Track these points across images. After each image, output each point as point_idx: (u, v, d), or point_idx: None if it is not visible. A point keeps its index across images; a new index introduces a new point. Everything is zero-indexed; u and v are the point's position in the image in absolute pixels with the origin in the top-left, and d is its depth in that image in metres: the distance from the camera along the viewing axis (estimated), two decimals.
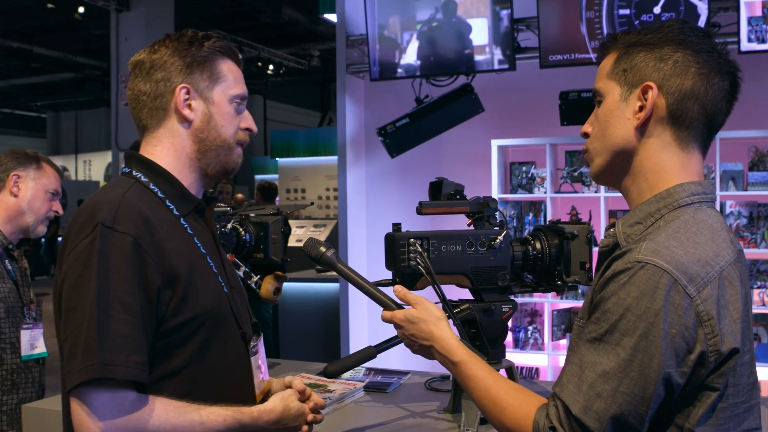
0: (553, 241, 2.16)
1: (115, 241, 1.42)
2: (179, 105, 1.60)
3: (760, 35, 4.21)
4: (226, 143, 1.65)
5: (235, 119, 1.67)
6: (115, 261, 1.41)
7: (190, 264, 1.53)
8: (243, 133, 1.69)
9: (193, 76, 1.61)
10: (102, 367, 1.34)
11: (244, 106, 1.71)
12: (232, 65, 1.68)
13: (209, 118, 1.63)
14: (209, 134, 1.63)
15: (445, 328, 1.61)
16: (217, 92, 1.63)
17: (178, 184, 1.62)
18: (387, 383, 2.56)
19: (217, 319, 1.57)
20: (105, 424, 1.36)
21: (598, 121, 1.44)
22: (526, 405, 1.34)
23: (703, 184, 1.37)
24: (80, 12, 12.43)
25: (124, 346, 1.37)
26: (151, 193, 1.58)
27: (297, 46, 16.97)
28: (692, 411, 1.25)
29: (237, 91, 1.66)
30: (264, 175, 16.19)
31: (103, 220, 1.43)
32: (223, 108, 1.64)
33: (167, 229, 1.52)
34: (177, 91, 1.59)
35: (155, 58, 1.61)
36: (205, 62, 1.62)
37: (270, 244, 2.62)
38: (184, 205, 1.62)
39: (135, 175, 1.60)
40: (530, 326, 5.34)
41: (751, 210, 4.81)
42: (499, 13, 4.72)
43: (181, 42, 1.62)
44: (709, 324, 1.21)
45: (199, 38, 1.63)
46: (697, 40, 1.36)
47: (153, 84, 1.60)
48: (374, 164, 5.79)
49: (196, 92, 1.61)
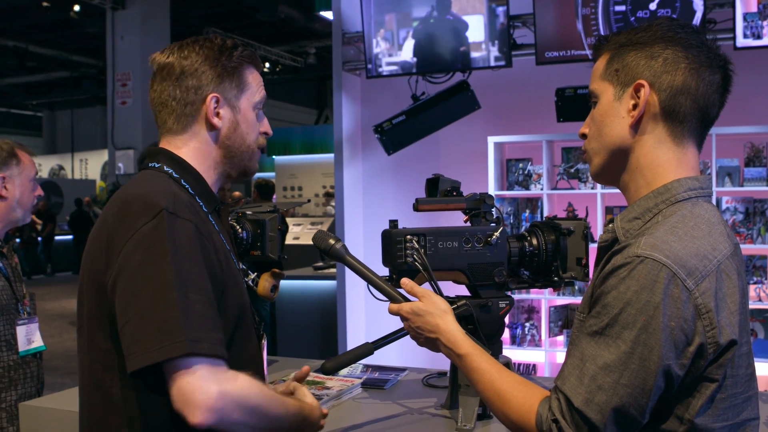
0: (550, 237, 2.16)
1: (181, 226, 1.45)
2: (209, 113, 1.64)
3: (755, 31, 4.21)
4: (250, 149, 1.71)
5: (257, 125, 1.73)
6: (186, 245, 1.44)
7: (224, 258, 1.57)
8: (262, 137, 1.76)
9: (223, 86, 1.65)
10: (191, 343, 1.35)
11: (262, 111, 1.77)
12: (255, 73, 1.73)
13: (236, 126, 1.68)
14: (235, 141, 1.68)
15: (451, 321, 1.65)
16: (244, 101, 1.69)
17: (205, 183, 1.66)
18: (384, 380, 2.56)
19: (244, 314, 1.62)
20: (217, 394, 1.36)
21: (594, 121, 1.47)
22: (530, 398, 1.36)
23: (699, 179, 1.39)
24: (76, 10, 12.42)
25: (204, 324, 1.40)
26: (184, 188, 1.61)
27: (293, 43, 16.98)
28: (692, 402, 1.27)
29: (258, 97, 1.72)
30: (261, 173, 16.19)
31: (167, 206, 1.45)
32: (247, 116, 1.70)
33: (204, 223, 1.56)
34: (208, 100, 1.63)
35: (186, 64, 1.63)
36: (234, 72, 1.66)
37: (267, 242, 2.62)
38: (209, 203, 1.66)
39: (167, 171, 1.62)
40: (527, 323, 5.35)
41: (747, 206, 4.82)
42: (495, 10, 4.72)
43: (212, 50, 1.65)
44: (707, 316, 1.24)
45: (228, 47, 1.67)
46: (686, 37, 1.38)
47: (183, 90, 1.63)
48: (371, 161, 5.79)
49: (225, 101, 1.65)
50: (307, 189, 14.47)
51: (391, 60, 5.05)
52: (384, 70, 5.08)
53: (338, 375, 2.59)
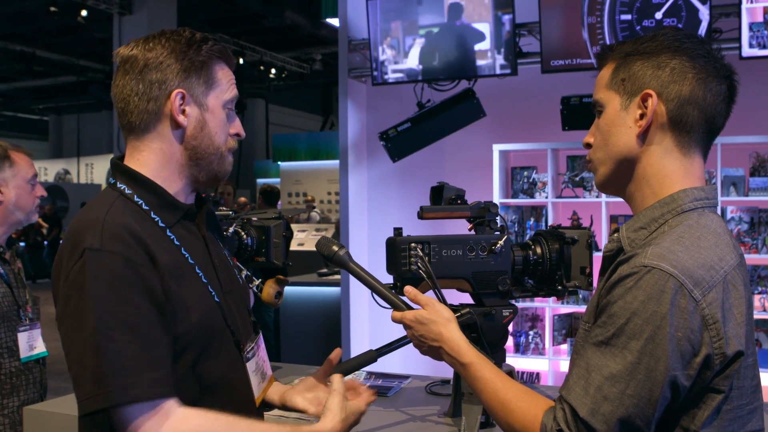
0: (554, 246, 2.17)
1: (105, 262, 1.38)
2: (174, 110, 1.53)
3: (761, 41, 4.21)
4: (219, 150, 1.60)
5: (227, 126, 1.61)
6: (110, 282, 1.38)
7: (177, 278, 1.49)
8: (233, 139, 1.64)
9: (189, 81, 1.54)
10: (114, 395, 1.32)
11: (234, 111, 1.66)
12: (226, 69, 1.62)
13: (203, 125, 1.57)
14: (202, 141, 1.57)
15: (454, 329, 1.63)
16: (212, 98, 1.58)
17: (163, 194, 1.56)
18: (388, 387, 2.56)
19: (208, 332, 1.53)
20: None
21: (599, 131, 1.46)
22: (534, 407, 1.36)
23: (705, 190, 1.39)
24: (83, 15, 12.46)
25: (135, 367, 1.35)
26: (136, 206, 1.52)
27: (299, 50, 17.02)
28: (697, 413, 1.27)
29: (229, 96, 1.61)
30: (266, 179, 16.24)
31: (90, 245, 1.39)
32: (216, 114, 1.59)
33: (154, 243, 1.48)
34: (173, 96, 1.52)
35: (150, 56, 1.52)
36: (202, 67, 1.55)
37: (272, 248, 2.62)
38: (170, 214, 1.56)
39: (119, 187, 1.54)
40: (531, 331, 5.34)
41: (752, 215, 4.81)
42: (501, 18, 4.73)
43: (179, 42, 1.54)
44: (714, 327, 1.23)
45: (197, 40, 1.56)
46: (693, 47, 1.38)
47: (146, 85, 1.52)
48: (376, 168, 5.79)
49: (191, 98, 1.55)
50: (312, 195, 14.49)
51: (396, 67, 5.06)
52: (390, 78, 5.09)
53: None
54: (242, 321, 1.68)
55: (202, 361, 1.51)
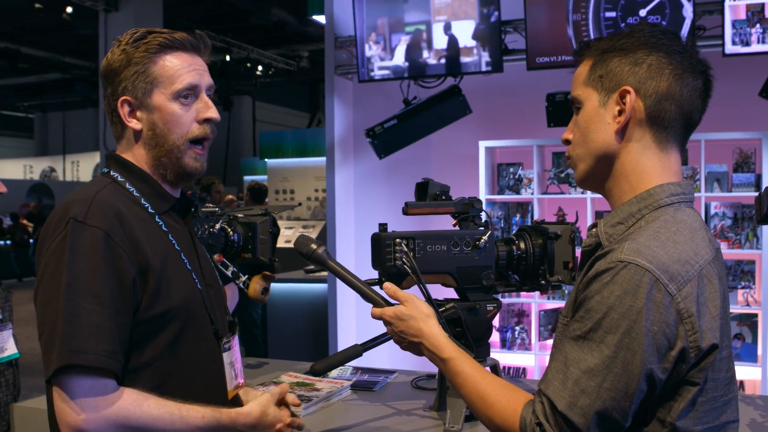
0: (537, 241, 2.19)
1: (86, 234, 1.45)
2: (124, 118, 1.60)
3: (744, 38, 4.25)
4: (175, 146, 1.61)
5: (186, 116, 1.60)
6: (87, 253, 1.43)
7: (164, 258, 1.55)
8: (200, 126, 1.63)
9: (132, 86, 1.58)
10: (71, 354, 1.37)
11: (198, 95, 1.63)
12: (174, 58, 1.60)
13: (153, 126, 1.60)
14: (157, 141, 1.60)
15: (434, 325, 1.65)
16: (156, 96, 1.59)
17: (154, 183, 1.63)
18: (374, 382, 2.58)
19: (189, 314, 1.59)
20: (87, 414, 1.39)
21: (578, 127, 1.47)
22: (514, 401, 1.37)
23: (682, 185, 1.40)
24: (68, 12, 12.39)
25: (94, 335, 1.40)
26: (127, 192, 1.60)
27: (286, 47, 16.98)
28: (673, 405, 1.29)
29: (179, 85, 1.59)
30: (253, 176, 16.19)
31: (75, 215, 1.46)
32: (165, 111, 1.59)
33: (141, 226, 1.54)
34: (119, 105, 1.59)
35: (103, 71, 1.61)
36: (140, 68, 1.58)
37: (258, 245, 2.63)
38: (160, 203, 1.64)
39: (112, 175, 1.62)
40: (517, 326, 5.37)
41: (735, 211, 4.86)
42: (487, 15, 4.75)
43: (120, 48, 1.59)
44: (689, 321, 1.25)
45: (133, 41, 1.58)
46: (669, 42, 1.39)
47: (106, 100, 1.62)
48: (362, 165, 5.80)
49: (136, 101, 1.59)
50: (299, 192, 14.47)
51: (383, 64, 5.08)
52: (376, 75, 5.11)
53: (328, 377, 2.61)
54: (221, 315, 1.73)
55: (180, 342, 1.56)
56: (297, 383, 2.50)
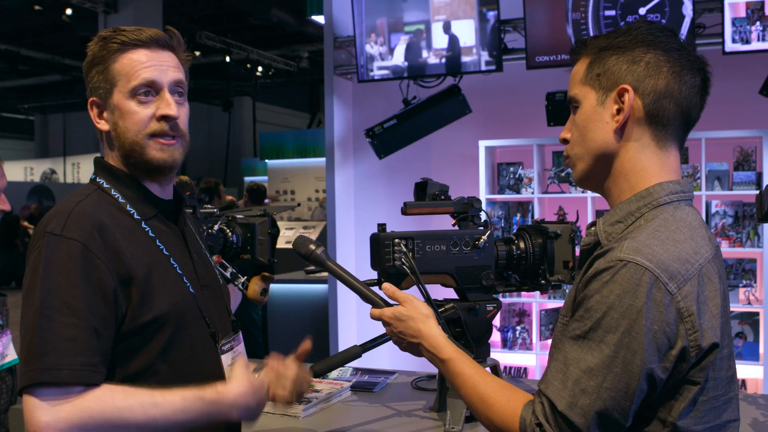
0: (537, 241, 2.18)
1: (62, 247, 1.43)
2: (94, 120, 1.61)
3: (744, 36, 4.24)
4: (135, 143, 1.58)
5: (142, 113, 1.57)
6: (63, 266, 1.42)
7: (149, 266, 1.52)
8: (157, 123, 1.58)
9: (96, 86, 1.59)
10: (42, 373, 1.35)
11: (158, 91, 1.58)
12: (134, 54, 1.57)
13: (115, 125, 1.59)
14: (119, 140, 1.59)
15: (433, 325, 1.64)
16: (115, 95, 1.58)
17: (140, 188, 1.62)
18: (374, 383, 2.57)
19: (180, 320, 1.56)
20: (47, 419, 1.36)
21: (576, 127, 1.46)
22: (513, 402, 1.37)
23: (681, 183, 1.39)
24: (68, 14, 12.38)
25: (69, 349, 1.38)
26: (112, 199, 1.59)
27: (286, 47, 16.97)
28: (674, 405, 1.28)
29: (135, 82, 1.55)
30: (253, 177, 16.19)
31: (51, 229, 1.46)
32: (123, 109, 1.57)
33: (125, 234, 1.53)
34: (89, 107, 1.61)
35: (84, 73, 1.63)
36: (102, 68, 1.58)
37: (257, 246, 2.62)
38: (146, 208, 1.62)
39: (98, 182, 1.62)
40: (518, 326, 5.36)
41: (736, 209, 4.85)
42: (486, 15, 4.74)
43: (91, 45, 1.60)
44: (689, 320, 1.24)
45: (99, 39, 1.59)
46: (666, 40, 1.39)
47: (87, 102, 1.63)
48: (362, 165, 5.80)
49: (102, 102, 1.60)
50: (300, 193, 14.47)
51: (382, 64, 5.07)
52: (375, 75, 5.10)
53: (328, 378, 2.60)
54: (220, 316, 1.71)
55: (173, 348, 1.55)
56: None
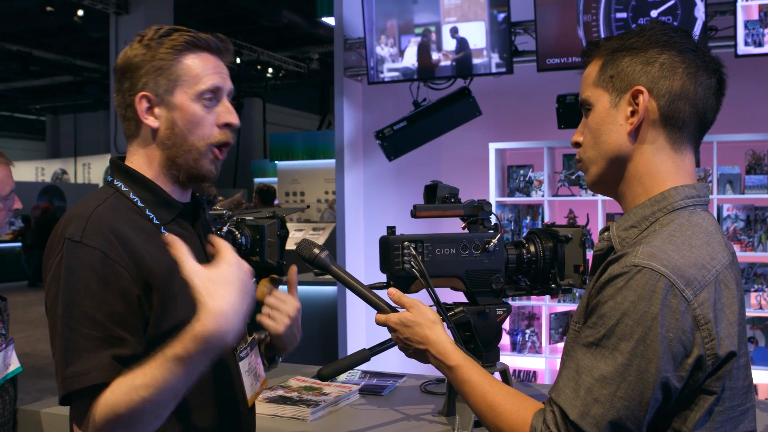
0: (548, 244, 2.16)
1: (82, 255, 1.40)
2: (141, 114, 1.54)
3: (756, 39, 4.21)
4: (194, 148, 1.56)
5: (207, 118, 1.56)
6: (83, 276, 1.39)
7: (169, 272, 1.48)
8: (221, 132, 1.58)
9: (153, 82, 1.53)
10: (69, 382, 1.35)
11: (220, 98, 1.59)
12: (198, 59, 1.56)
13: (173, 125, 1.54)
14: (175, 141, 1.55)
15: (440, 331, 1.61)
16: (179, 95, 1.54)
17: (159, 192, 1.58)
18: (382, 386, 2.55)
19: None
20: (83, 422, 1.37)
21: (589, 130, 1.43)
22: (523, 410, 1.34)
23: (697, 187, 1.37)
24: (79, 15, 12.43)
25: (93, 358, 1.36)
26: (131, 203, 1.55)
27: (296, 49, 16.99)
28: (689, 415, 1.25)
29: (203, 86, 1.54)
30: (263, 179, 16.22)
31: (71, 235, 1.42)
32: (187, 111, 1.54)
33: (145, 239, 1.49)
34: (137, 101, 1.53)
35: (121, 65, 1.56)
36: (164, 64, 1.53)
37: (266, 247, 2.61)
38: (166, 212, 1.58)
39: (116, 185, 1.57)
40: (528, 329, 5.34)
41: (748, 213, 4.81)
42: (497, 17, 4.73)
43: (143, 43, 1.54)
44: (706, 328, 1.21)
45: (158, 37, 1.54)
46: (681, 40, 1.36)
47: (122, 94, 1.56)
48: (372, 167, 5.79)
49: (157, 98, 1.54)
50: (310, 194, 14.48)
51: (392, 66, 5.06)
52: (385, 76, 5.09)
53: (336, 381, 2.59)
54: None
55: None
56: (305, 387, 2.48)
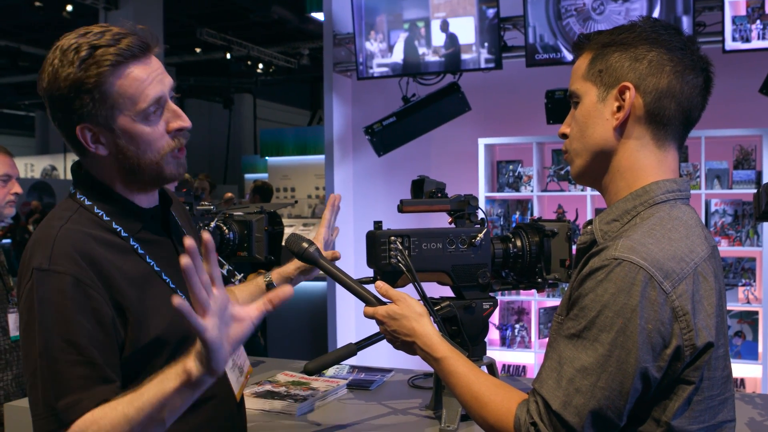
0: (534, 239, 2.17)
1: (53, 282, 1.37)
2: (87, 145, 1.45)
3: (744, 34, 4.23)
4: (153, 162, 1.49)
5: (156, 131, 1.47)
6: (56, 303, 1.36)
7: (141, 288, 1.46)
8: (173, 140, 1.50)
9: (88, 112, 1.42)
10: (65, 414, 1.33)
11: (164, 105, 1.49)
12: (130, 74, 1.43)
13: (123, 149, 1.46)
14: (128, 162, 1.48)
15: (427, 324, 1.63)
16: (121, 119, 1.44)
17: (124, 202, 1.52)
18: (370, 381, 2.56)
19: (179, 336, 1.49)
20: None
21: (576, 122, 1.45)
22: (508, 401, 1.36)
23: (678, 182, 1.39)
24: (68, 10, 12.37)
25: (82, 384, 1.35)
26: (96, 218, 1.49)
27: (286, 44, 16.94)
28: (669, 404, 1.28)
29: (143, 104, 1.44)
30: (254, 174, 16.19)
31: (38, 265, 1.38)
32: (133, 134, 1.45)
33: (115, 254, 1.45)
34: (78, 133, 1.44)
35: (48, 93, 1.44)
36: (95, 93, 1.41)
37: (254, 243, 2.62)
38: (132, 223, 1.52)
39: (79, 198, 1.51)
40: (517, 324, 5.36)
41: (735, 208, 4.84)
42: (486, 12, 4.73)
43: (64, 65, 1.41)
44: (684, 319, 1.24)
45: (80, 61, 1.40)
46: (669, 38, 1.37)
47: (57, 123, 1.47)
48: (361, 163, 5.79)
49: (98, 126, 1.44)
50: (300, 190, 14.47)
51: (381, 61, 5.06)
52: (375, 72, 5.09)
53: (324, 376, 2.59)
54: None
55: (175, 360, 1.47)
56: (293, 382, 2.49)
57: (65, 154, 24.22)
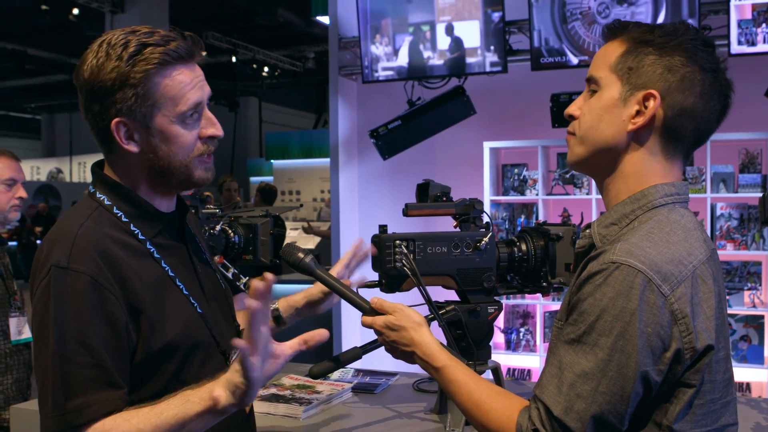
0: (539, 243, 2.17)
1: (70, 281, 1.37)
2: (120, 140, 1.46)
3: (750, 38, 4.23)
4: (182, 165, 1.50)
5: (189, 135, 1.50)
6: (73, 302, 1.36)
7: (156, 291, 1.47)
8: (203, 145, 1.52)
9: (128, 107, 1.43)
10: (73, 415, 1.34)
11: (201, 112, 1.52)
12: (175, 76, 1.46)
13: (155, 149, 1.48)
14: (158, 162, 1.49)
15: (425, 333, 1.62)
16: (159, 119, 1.46)
17: (143, 205, 1.53)
18: (375, 384, 2.56)
19: (191, 343, 1.50)
20: None
21: (590, 110, 1.41)
22: (509, 408, 1.36)
23: (676, 185, 1.38)
24: (75, 14, 12.42)
25: (92, 386, 1.35)
26: (114, 218, 1.49)
27: (292, 47, 16.97)
28: (670, 408, 1.27)
29: (184, 107, 1.46)
30: (259, 177, 16.23)
31: (57, 261, 1.38)
32: (168, 134, 1.47)
33: (132, 256, 1.46)
34: (113, 127, 1.45)
35: (88, 85, 1.45)
36: (139, 88, 1.42)
37: (259, 246, 2.63)
38: (150, 226, 1.53)
39: (98, 198, 1.52)
40: (522, 328, 5.35)
41: (741, 212, 4.83)
42: (491, 16, 4.74)
43: (110, 60, 1.42)
44: (683, 322, 1.24)
45: (128, 56, 1.41)
46: (706, 57, 1.35)
47: (92, 116, 1.47)
48: (367, 166, 5.80)
49: (135, 124, 1.45)
50: (305, 193, 14.50)
51: (387, 65, 5.07)
52: (380, 75, 5.10)
53: (329, 379, 2.59)
54: (227, 327, 1.68)
55: (185, 369, 1.50)
56: (298, 385, 2.49)
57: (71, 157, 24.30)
